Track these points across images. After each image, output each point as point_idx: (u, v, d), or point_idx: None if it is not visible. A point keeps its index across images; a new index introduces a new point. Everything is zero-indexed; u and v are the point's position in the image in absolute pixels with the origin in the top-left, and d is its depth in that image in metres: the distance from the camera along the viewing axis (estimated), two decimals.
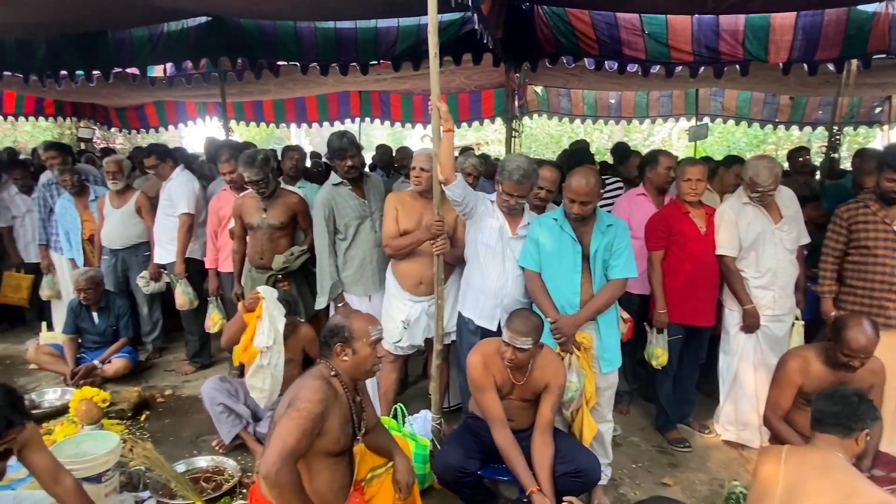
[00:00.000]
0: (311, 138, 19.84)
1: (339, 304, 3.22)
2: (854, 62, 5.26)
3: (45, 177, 4.77)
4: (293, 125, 9.59)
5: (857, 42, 4.90)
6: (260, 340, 2.91)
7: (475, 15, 3.84)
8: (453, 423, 3.37)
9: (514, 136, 6.18)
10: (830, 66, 5.40)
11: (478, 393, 2.47)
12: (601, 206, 2.93)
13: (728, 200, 3.32)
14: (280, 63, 5.92)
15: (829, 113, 7.31)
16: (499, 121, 8.96)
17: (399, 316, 3.07)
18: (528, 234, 2.81)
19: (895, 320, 2.94)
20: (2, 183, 5.06)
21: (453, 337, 3.12)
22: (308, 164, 6.48)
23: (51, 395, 3.76)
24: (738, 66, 5.30)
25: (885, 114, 7.98)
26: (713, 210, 3.32)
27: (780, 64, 5.22)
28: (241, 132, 16.28)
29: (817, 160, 7.13)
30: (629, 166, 5.21)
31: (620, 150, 7.03)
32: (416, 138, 14.08)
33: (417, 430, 2.96)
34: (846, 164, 8.00)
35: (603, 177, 4.05)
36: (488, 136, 15.10)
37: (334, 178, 3.33)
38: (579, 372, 2.61)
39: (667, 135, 14.53)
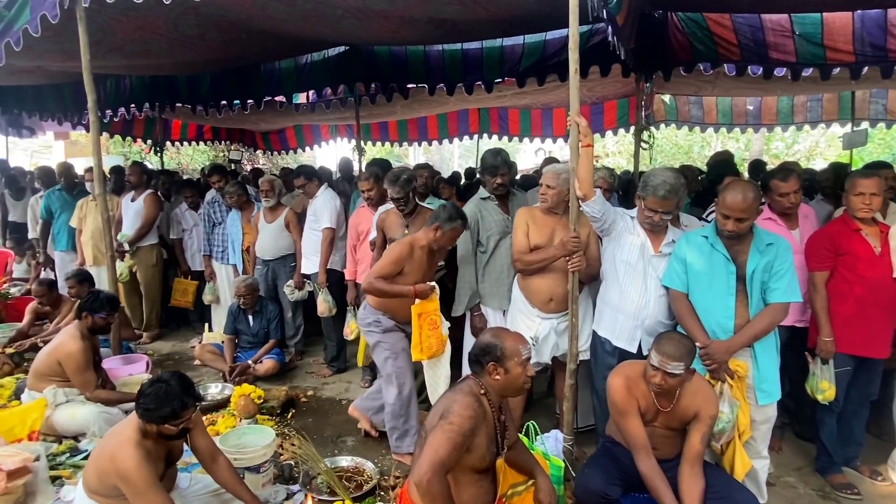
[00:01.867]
0: (429, 156, 20.54)
1: (476, 314, 3.31)
2: None
3: (209, 195, 5.40)
4: (412, 143, 10.03)
5: None
6: (445, 328, 3.12)
7: (609, 27, 3.78)
8: (583, 446, 3.29)
9: (644, 149, 5.94)
10: None
11: (620, 417, 2.39)
12: None
13: None
14: (409, 86, 6.24)
15: None
16: (620, 132, 8.68)
17: (527, 332, 3.03)
18: (674, 252, 2.68)
19: None
20: (175, 201, 5.82)
21: (584, 356, 3.05)
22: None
23: (213, 390, 4.20)
24: None
25: None
26: (888, 227, 2.94)
27: None
28: (368, 151, 17.37)
29: None
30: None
31: (756, 167, 6.55)
32: (529, 153, 14.03)
33: (549, 449, 2.91)
34: None
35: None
36: (608, 148, 14.64)
37: (482, 192, 3.43)
38: (732, 402, 2.43)
39: (814, 143, 13.08)
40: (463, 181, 7.67)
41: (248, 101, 6.42)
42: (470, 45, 5.55)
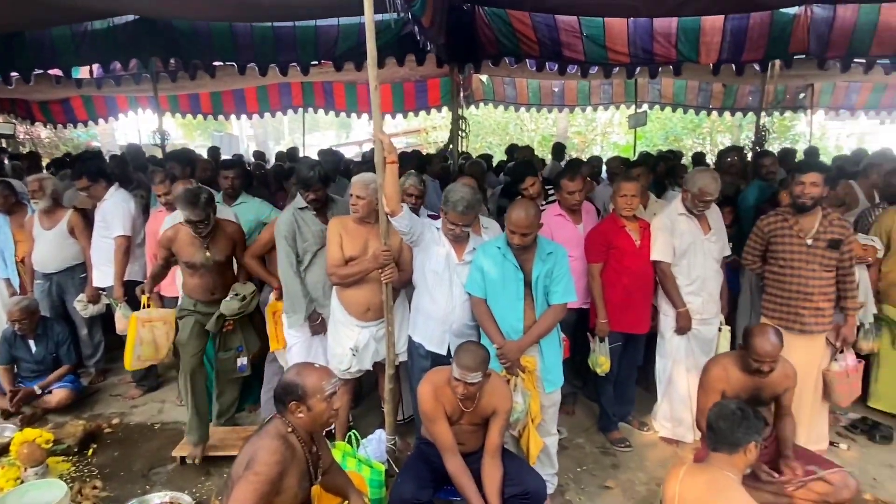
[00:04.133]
0: (256, 130, 19.07)
1: (316, 322, 3.26)
2: (777, 62, 5.54)
3: None
4: (228, 117, 9.28)
5: (779, 44, 5.16)
6: None
7: (416, 27, 3.83)
8: (407, 437, 3.49)
9: (461, 132, 6.22)
10: (756, 67, 5.69)
11: (429, 423, 2.57)
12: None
13: (665, 211, 3.50)
14: (216, 63, 5.70)
15: (757, 100, 7.67)
16: (445, 109, 8.96)
17: (348, 343, 3.10)
18: (473, 261, 2.90)
19: (809, 326, 3.22)
20: None
21: (402, 358, 3.20)
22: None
23: None
24: (671, 67, 5.51)
25: (808, 99, 8.45)
26: (647, 224, 3.50)
27: (711, 64, 5.45)
28: (179, 124, 15.54)
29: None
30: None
31: (558, 149, 7.31)
32: (363, 127, 13.83)
33: (372, 452, 3.04)
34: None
35: (546, 187, 4.17)
36: (435, 122, 15.03)
37: (299, 200, 3.28)
38: (524, 393, 2.75)
39: (608, 121, 14.95)
40: None
41: (13, 73, 5.35)
42: (281, 24, 5.21)
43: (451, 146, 6.25)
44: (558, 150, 7.27)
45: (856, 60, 5.25)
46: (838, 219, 3.23)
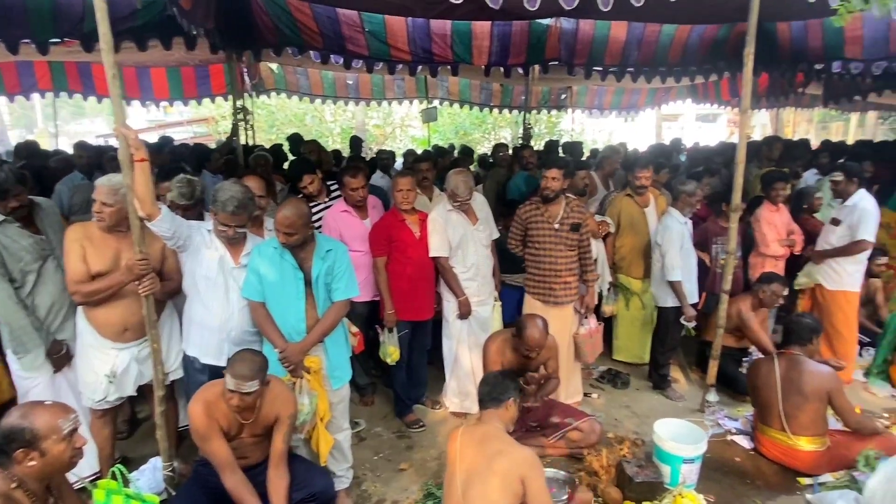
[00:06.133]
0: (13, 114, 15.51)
1: (60, 353, 2.78)
2: (537, 67, 6.27)
3: None
4: None
5: (537, 51, 5.84)
6: None
7: (175, 9, 3.49)
8: (193, 458, 3.22)
9: (241, 121, 5.88)
10: (520, 70, 6.36)
11: (203, 442, 2.40)
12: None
13: (436, 209, 3.73)
14: None
15: (528, 100, 8.58)
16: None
17: (102, 369, 2.72)
18: (249, 264, 2.76)
19: (560, 299, 3.75)
20: None
21: (175, 376, 2.94)
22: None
23: None
24: (449, 67, 5.87)
25: (568, 100, 9.76)
26: (426, 215, 3.70)
27: (483, 66, 5.95)
28: None
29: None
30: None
31: (355, 142, 7.36)
32: (142, 114, 12.19)
33: (145, 484, 2.75)
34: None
35: (329, 183, 4.15)
36: (225, 111, 13.93)
37: None
38: (311, 394, 2.73)
39: (405, 115, 15.53)
40: None
41: None
42: None
43: (234, 138, 5.86)
44: (356, 143, 7.30)
45: (595, 68, 6.19)
46: (578, 205, 3.80)
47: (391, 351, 3.58)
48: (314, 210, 3.86)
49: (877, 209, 4.13)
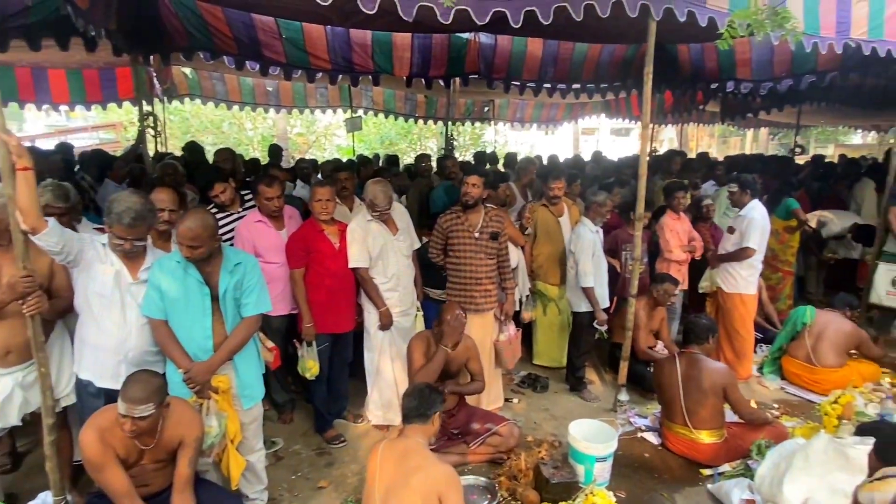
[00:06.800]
0: None
1: None
2: (458, 79, 6.39)
3: None
4: None
5: (457, 64, 5.96)
6: None
7: (70, 8, 3.28)
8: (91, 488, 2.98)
9: (149, 128, 5.57)
10: (441, 82, 6.46)
11: (96, 472, 2.23)
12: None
13: (355, 219, 3.69)
14: None
15: (451, 111, 8.72)
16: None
17: None
18: (149, 279, 2.59)
19: (481, 306, 3.81)
20: None
21: (68, 402, 2.71)
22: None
23: None
24: (370, 77, 5.87)
25: (491, 112, 10.01)
26: (345, 226, 3.65)
27: (404, 77, 5.99)
28: None
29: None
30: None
31: (274, 151, 7.16)
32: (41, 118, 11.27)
33: None
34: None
35: (243, 192, 4.00)
36: (135, 117, 13.12)
37: None
38: (219, 415, 2.60)
39: (329, 124, 15.32)
40: None
41: None
42: None
43: (140, 145, 5.53)
44: (274, 151, 7.09)
45: (513, 82, 6.39)
46: (496, 214, 3.88)
47: (310, 365, 3.49)
48: (226, 221, 3.72)
49: (766, 219, 4.51)
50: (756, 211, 4.49)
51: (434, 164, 6.58)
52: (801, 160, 9.68)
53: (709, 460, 3.40)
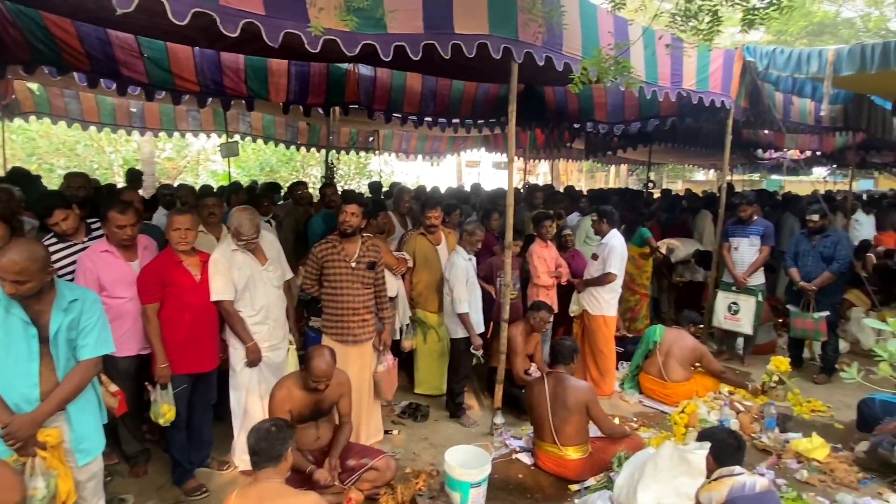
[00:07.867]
0: None
1: None
2: (338, 108, 6.38)
3: None
4: None
5: (337, 93, 5.95)
6: None
7: None
8: None
9: None
10: (321, 111, 6.41)
11: None
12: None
13: (218, 248, 3.48)
14: None
15: (335, 140, 8.64)
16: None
17: None
18: None
19: (359, 337, 3.74)
20: None
21: None
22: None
23: None
24: (244, 101, 5.67)
25: (376, 142, 10.08)
26: (207, 256, 3.42)
27: (281, 103, 5.86)
28: None
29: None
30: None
31: (133, 176, 6.62)
32: None
33: None
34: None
35: (90, 221, 3.62)
36: None
37: None
38: (47, 474, 2.27)
39: (202, 148, 14.53)
40: None
41: None
42: None
43: None
44: (133, 176, 6.53)
45: (395, 114, 6.51)
46: (373, 244, 3.87)
47: (164, 410, 3.17)
48: (67, 252, 3.34)
49: (624, 246, 4.95)
50: (615, 239, 4.91)
51: (316, 191, 6.46)
52: (656, 193, 10.83)
53: (577, 476, 3.58)
